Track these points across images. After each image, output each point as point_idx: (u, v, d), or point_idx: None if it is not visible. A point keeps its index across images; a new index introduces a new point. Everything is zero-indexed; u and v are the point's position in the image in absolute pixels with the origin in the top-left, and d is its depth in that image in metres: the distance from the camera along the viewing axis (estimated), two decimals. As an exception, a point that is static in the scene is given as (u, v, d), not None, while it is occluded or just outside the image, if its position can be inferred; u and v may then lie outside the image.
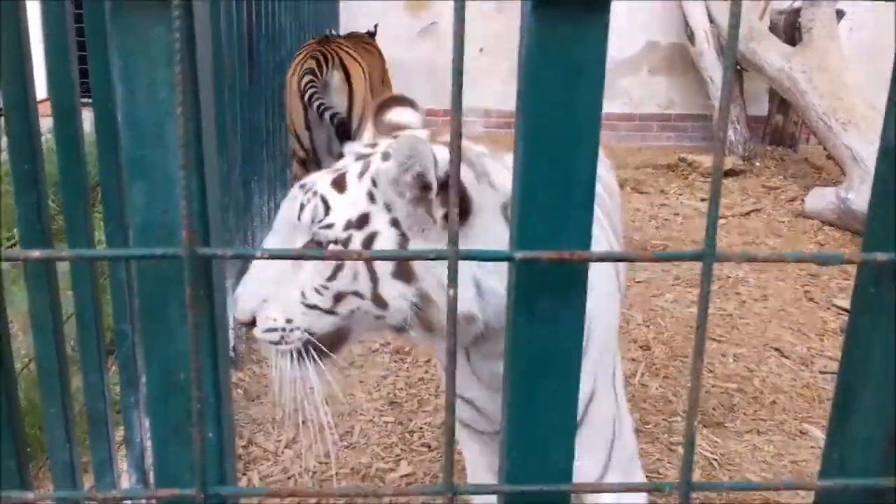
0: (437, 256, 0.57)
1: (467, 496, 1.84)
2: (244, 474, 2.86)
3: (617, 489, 0.63)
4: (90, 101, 1.94)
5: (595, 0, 0.50)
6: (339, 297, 1.41)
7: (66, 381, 1.70)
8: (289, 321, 1.43)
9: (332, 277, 1.39)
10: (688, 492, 0.63)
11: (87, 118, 1.90)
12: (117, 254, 0.58)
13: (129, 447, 2.25)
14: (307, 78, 4.68)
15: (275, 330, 1.44)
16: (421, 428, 3.17)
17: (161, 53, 0.52)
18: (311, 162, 4.92)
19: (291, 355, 1.46)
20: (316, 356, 1.47)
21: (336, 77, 4.91)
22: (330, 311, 1.42)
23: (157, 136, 0.56)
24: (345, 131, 4.58)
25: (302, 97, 4.69)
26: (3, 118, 1.57)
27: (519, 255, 0.57)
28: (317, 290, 1.41)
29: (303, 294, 1.41)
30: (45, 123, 1.69)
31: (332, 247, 1.36)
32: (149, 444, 2.32)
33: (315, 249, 1.37)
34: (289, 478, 2.84)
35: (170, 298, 0.59)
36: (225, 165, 3.23)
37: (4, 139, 4.34)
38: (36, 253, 0.54)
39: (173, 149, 0.56)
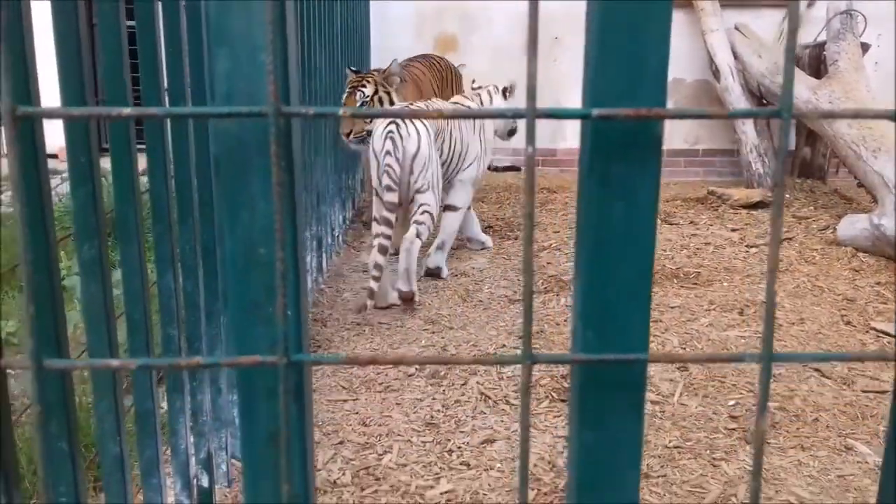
0: (515, 115, 0.58)
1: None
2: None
3: (700, 359, 0.63)
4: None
5: None
6: None
7: (118, 374, 1.71)
8: None
9: None
10: (770, 363, 0.63)
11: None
12: (204, 111, 0.59)
13: (174, 453, 2.25)
14: None
15: None
16: (459, 447, 3.15)
17: None
18: None
19: None
20: None
21: None
22: None
23: (243, 2, 0.58)
24: None
25: None
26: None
27: (595, 112, 0.58)
28: None
29: None
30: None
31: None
32: (193, 452, 2.33)
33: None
34: (334, 481, 2.86)
35: (252, 169, 0.61)
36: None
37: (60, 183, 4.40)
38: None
39: (257, 15, 0.58)
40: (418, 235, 4.78)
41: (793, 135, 7.93)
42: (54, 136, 1.94)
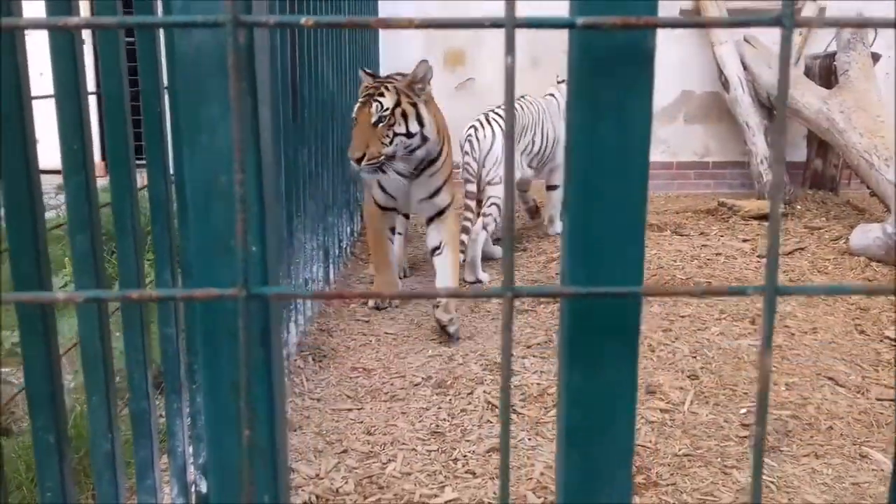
0: (494, 24, 0.53)
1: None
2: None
3: (695, 293, 0.58)
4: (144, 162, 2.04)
5: None
6: None
7: (110, 366, 1.67)
8: None
9: None
10: (774, 295, 0.58)
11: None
12: (158, 21, 0.55)
13: (171, 456, 2.20)
14: None
15: None
16: (465, 456, 3.09)
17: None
18: None
19: None
20: None
21: None
22: None
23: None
24: None
25: None
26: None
27: (580, 20, 0.53)
28: None
29: None
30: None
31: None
32: (191, 458, 2.28)
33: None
34: (337, 490, 2.80)
35: (210, 90, 0.57)
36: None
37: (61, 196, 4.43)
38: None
39: None
40: (485, 227, 5.29)
41: (804, 146, 7.87)
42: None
